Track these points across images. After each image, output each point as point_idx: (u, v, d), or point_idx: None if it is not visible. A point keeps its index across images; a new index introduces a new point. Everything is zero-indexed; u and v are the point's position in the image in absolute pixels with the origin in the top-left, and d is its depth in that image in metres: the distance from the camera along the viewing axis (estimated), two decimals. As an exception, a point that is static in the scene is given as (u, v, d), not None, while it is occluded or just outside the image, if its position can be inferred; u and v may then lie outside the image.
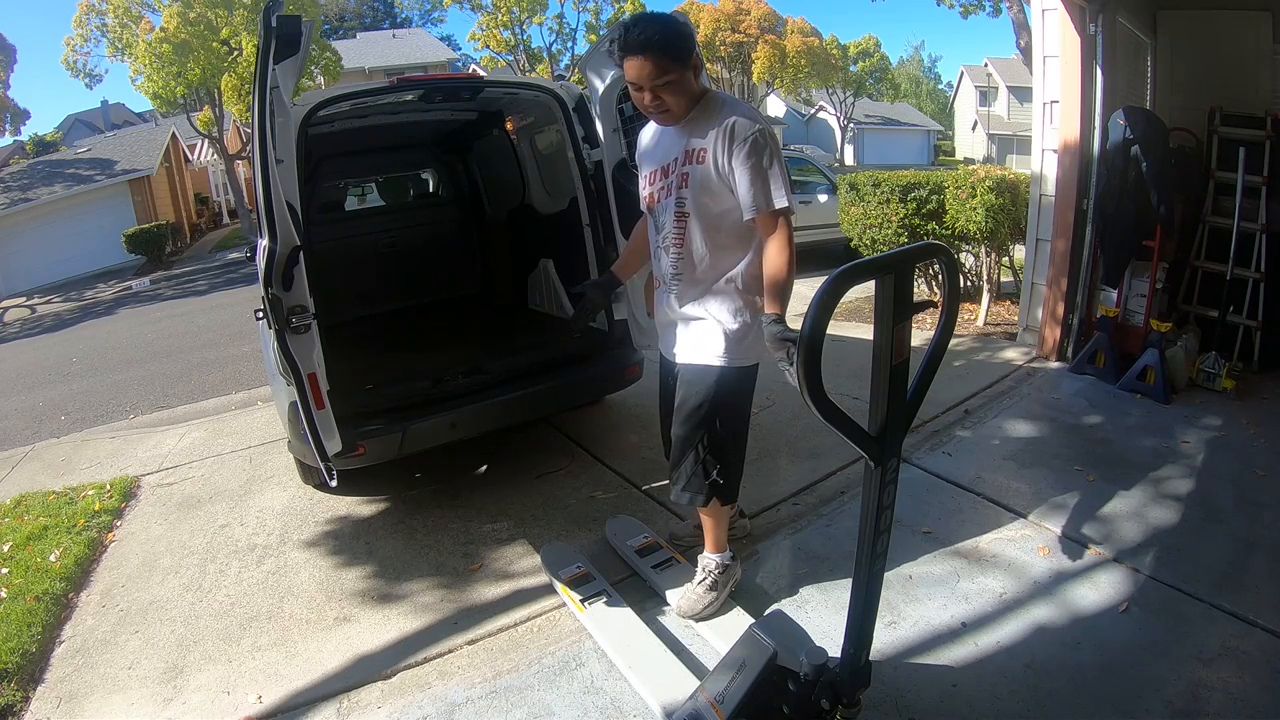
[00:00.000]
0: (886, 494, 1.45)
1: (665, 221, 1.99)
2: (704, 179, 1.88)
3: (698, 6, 25.69)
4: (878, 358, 1.37)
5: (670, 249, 2.00)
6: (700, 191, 1.90)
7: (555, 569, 2.42)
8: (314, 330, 2.32)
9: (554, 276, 4.00)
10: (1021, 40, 12.27)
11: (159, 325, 9.89)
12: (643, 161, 2.10)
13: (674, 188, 1.95)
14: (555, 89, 3.31)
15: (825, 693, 1.55)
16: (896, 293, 1.34)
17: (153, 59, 16.45)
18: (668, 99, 1.84)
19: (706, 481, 2.03)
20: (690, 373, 2.03)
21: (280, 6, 2.11)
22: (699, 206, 1.91)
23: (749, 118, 1.84)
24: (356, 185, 5.49)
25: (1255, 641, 1.94)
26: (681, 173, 1.92)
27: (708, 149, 1.85)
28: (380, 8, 43.10)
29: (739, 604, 2.20)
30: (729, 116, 1.83)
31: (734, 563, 2.22)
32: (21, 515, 3.38)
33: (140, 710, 2.06)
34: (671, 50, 1.80)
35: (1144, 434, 3.22)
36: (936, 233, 5.01)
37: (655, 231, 2.06)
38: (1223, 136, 3.82)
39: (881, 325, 1.36)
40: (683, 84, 1.84)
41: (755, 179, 1.80)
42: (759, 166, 1.80)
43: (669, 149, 1.97)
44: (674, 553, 2.46)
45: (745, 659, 1.69)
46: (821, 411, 1.28)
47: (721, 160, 1.83)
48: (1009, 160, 28.88)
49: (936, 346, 1.49)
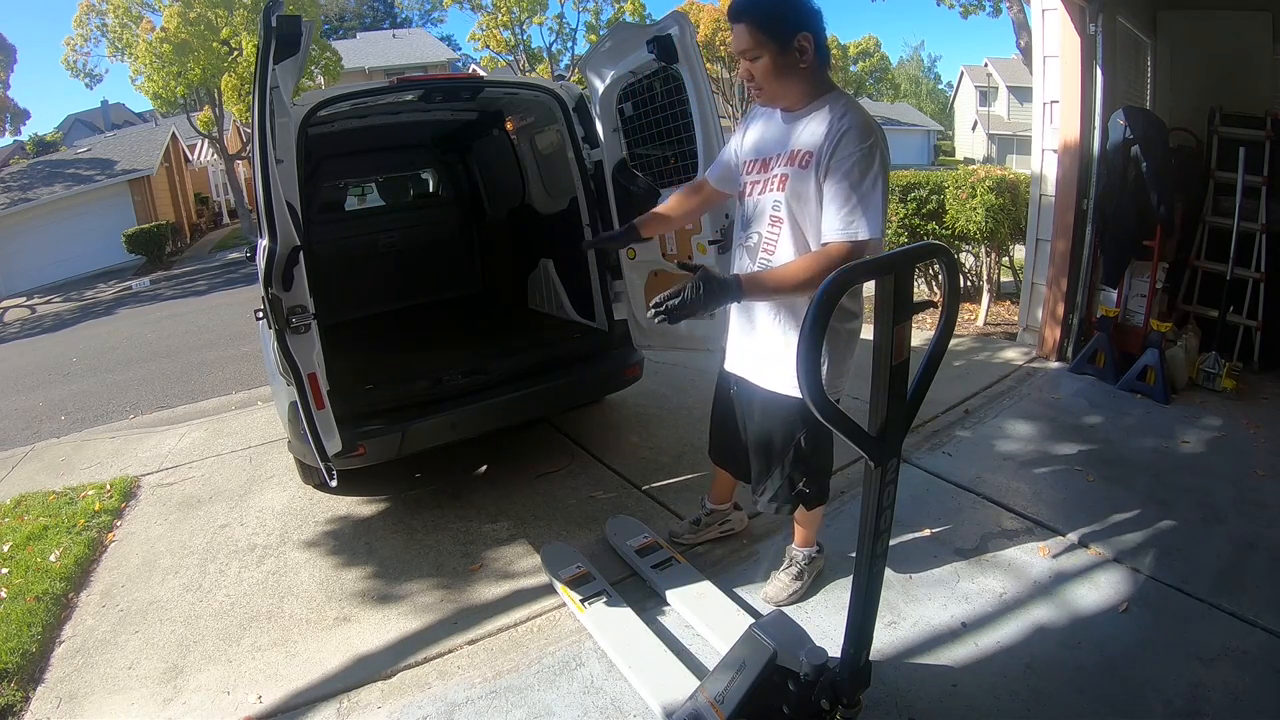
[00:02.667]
0: (886, 494, 1.45)
1: (757, 221, 1.82)
2: (804, 186, 1.70)
3: (698, 7, 25.65)
4: (878, 358, 1.37)
5: (758, 253, 1.83)
6: (799, 199, 1.72)
7: (555, 569, 2.42)
8: (314, 330, 2.32)
9: (554, 276, 4.00)
10: (1021, 40, 12.26)
11: (159, 325, 9.89)
12: (745, 140, 1.91)
13: (772, 187, 1.77)
14: (555, 89, 3.31)
15: (825, 693, 1.55)
16: (897, 293, 1.33)
17: (153, 59, 16.44)
18: (759, 76, 1.69)
19: (793, 493, 2.02)
20: (774, 404, 1.93)
21: (280, 6, 2.11)
22: (797, 215, 1.74)
23: (865, 128, 1.63)
24: (356, 185, 5.49)
25: (1255, 641, 1.94)
26: (781, 173, 1.74)
27: (813, 153, 1.67)
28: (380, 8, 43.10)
29: (740, 606, 2.20)
30: (845, 122, 1.64)
31: (819, 555, 2.28)
32: (21, 515, 3.38)
33: (140, 710, 2.07)
34: (766, 23, 1.64)
35: (1144, 434, 3.22)
36: (936, 233, 5.01)
37: (741, 228, 1.89)
38: (1223, 136, 3.82)
39: (882, 325, 1.35)
40: (778, 66, 1.67)
41: (847, 200, 1.61)
42: (856, 186, 1.60)
43: (775, 141, 1.80)
44: (674, 552, 2.46)
45: (745, 659, 1.69)
46: (822, 412, 1.28)
47: (824, 168, 1.65)
48: (1009, 160, 28.84)
49: (937, 346, 1.48)
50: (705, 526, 2.57)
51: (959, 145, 38.92)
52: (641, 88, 3.01)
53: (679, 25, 2.65)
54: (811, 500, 2.07)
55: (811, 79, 1.72)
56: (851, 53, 31.37)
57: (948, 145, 39.82)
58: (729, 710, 1.59)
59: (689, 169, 2.89)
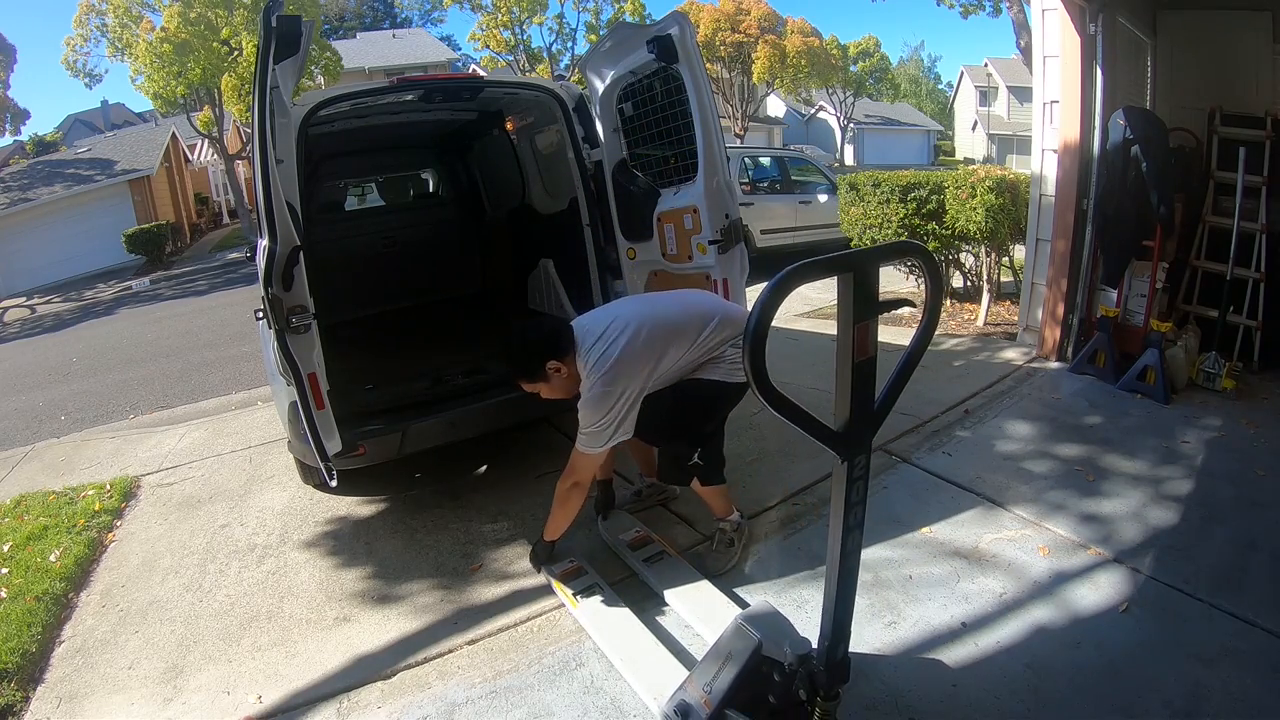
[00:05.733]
0: (855, 490, 1.46)
1: None
2: None
3: (698, 6, 25.64)
4: (840, 355, 1.39)
5: None
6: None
7: (549, 564, 2.43)
8: (314, 330, 2.32)
9: (554, 276, 4.00)
10: (1021, 40, 12.26)
11: (159, 325, 9.88)
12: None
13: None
14: (555, 89, 3.31)
15: (804, 684, 1.58)
16: (857, 291, 1.35)
17: (153, 59, 16.42)
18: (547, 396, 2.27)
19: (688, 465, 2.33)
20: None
21: (280, 6, 2.11)
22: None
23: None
24: (356, 185, 5.49)
25: (1255, 641, 1.94)
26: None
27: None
28: (380, 8, 43.07)
29: (731, 599, 2.22)
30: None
31: (744, 521, 2.53)
32: (21, 515, 3.38)
33: (140, 710, 2.07)
34: (521, 371, 2.22)
35: (1144, 434, 3.22)
36: (936, 232, 5.02)
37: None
38: (1223, 136, 3.82)
39: (842, 323, 1.37)
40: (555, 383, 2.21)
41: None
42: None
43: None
44: (665, 545, 2.51)
45: (732, 650, 1.72)
46: (771, 402, 1.30)
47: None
48: (1009, 160, 28.83)
49: (917, 346, 1.50)
50: (646, 498, 2.82)
51: (959, 145, 38.92)
52: (641, 88, 3.01)
53: (679, 25, 2.65)
54: (705, 474, 2.35)
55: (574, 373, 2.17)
56: (851, 53, 31.32)
57: (948, 145, 39.83)
58: (716, 700, 1.62)
59: (689, 169, 2.89)
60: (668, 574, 2.34)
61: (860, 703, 1.83)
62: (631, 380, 2.09)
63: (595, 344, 2.12)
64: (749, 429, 3.39)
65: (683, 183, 2.94)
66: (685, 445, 2.31)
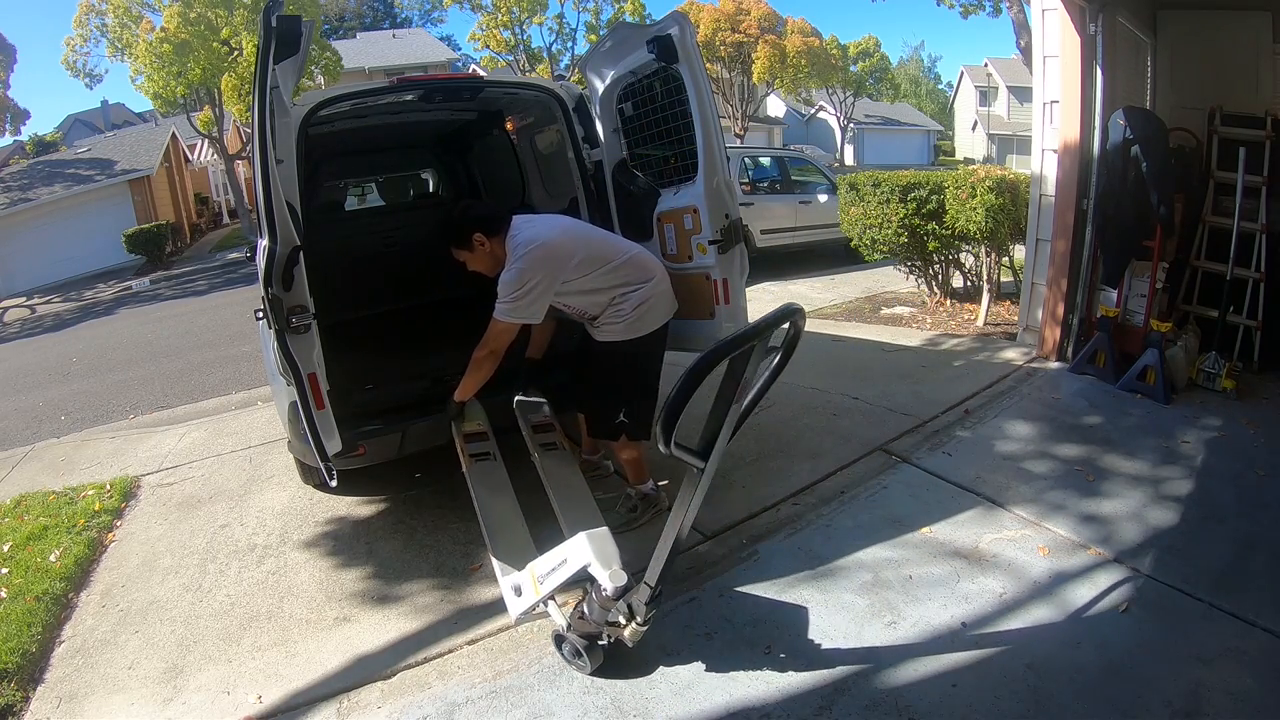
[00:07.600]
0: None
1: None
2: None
3: (698, 7, 25.64)
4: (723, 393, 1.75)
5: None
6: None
7: (457, 420, 2.71)
8: (314, 330, 2.31)
9: (554, 276, 3.99)
10: (1021, 40, 12.28)
11: (159, 325, 9.89)
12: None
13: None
14: (555, 89, 3.30)
15: (623, 610, 1.92)
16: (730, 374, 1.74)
17: (153, 59, 16.42)
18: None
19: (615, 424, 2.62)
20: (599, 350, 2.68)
21: (280, 6, 2.11)
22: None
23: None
24: (356, 185, 5.49)
25: (1255, 641, 1.94)
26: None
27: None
28: (380, 8, 43.06)
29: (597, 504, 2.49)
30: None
31: (654, 493, 2.76)
32: (21, 515, 3.38)
33: (140, 710, 2.07)
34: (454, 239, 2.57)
35: (1144, 434, 3.22)
36: (936, 232, 5.02)
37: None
38: (1223, 136, 3.82)
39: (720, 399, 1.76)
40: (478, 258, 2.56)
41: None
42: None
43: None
44: (563, 440, 2.79)
45: (568, 558, 2.05)
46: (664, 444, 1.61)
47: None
48: (1009, 160, 28.83)
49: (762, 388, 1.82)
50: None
51: (959, 145, 38.94)
52: (641, 88, 3.01)
53: (679, 25, 2.64)
54: (632, 430, 2.60)
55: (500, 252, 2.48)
56: (851, 53, 31.32)
57: (948, 145, 39.84)
58: (545, 590, 2.04)
59: (689, 169, 2.89)
60: (553, 466, 2.62)
61: (860, 702, 1.83)
62: (543, 271, 2.38)
63: (525, 231, 2.47)
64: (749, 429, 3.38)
65: (683, 183, 2.94)
66: (614, 406, 2.61)
